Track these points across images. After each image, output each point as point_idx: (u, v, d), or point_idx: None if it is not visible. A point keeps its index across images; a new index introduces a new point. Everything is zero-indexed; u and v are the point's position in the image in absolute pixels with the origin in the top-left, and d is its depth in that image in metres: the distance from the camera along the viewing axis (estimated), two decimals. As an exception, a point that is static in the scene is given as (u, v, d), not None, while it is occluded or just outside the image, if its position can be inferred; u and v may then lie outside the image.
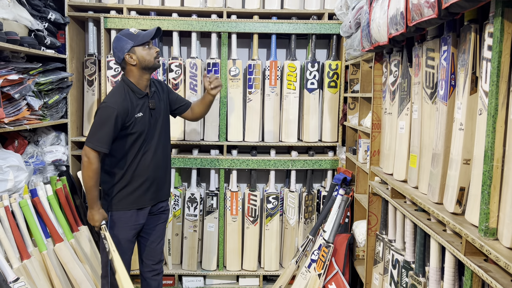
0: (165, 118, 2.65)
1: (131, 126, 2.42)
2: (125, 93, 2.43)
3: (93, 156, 2.36)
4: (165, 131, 2.66)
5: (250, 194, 3.71)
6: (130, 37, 2.43)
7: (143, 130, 2.47)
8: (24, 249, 2.62)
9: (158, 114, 2.58)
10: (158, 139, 2.57)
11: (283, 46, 3.94)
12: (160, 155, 2.60)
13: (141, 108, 2.47)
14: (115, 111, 2.35)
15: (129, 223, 2.52)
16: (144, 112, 2.48)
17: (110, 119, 2.34)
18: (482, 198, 1.40)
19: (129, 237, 2.54)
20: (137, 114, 2.44)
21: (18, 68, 2.84)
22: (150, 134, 2.52)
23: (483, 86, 1.47)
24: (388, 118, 2.53)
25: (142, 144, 2.49)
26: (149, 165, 2.53)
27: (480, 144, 1.47)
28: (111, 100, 2.39)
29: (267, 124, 3.72)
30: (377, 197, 2.73)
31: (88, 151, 2.35)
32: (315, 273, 3.06)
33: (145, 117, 2.48)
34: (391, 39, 2.12)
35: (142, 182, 2.53)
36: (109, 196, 2.51)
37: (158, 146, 2.57)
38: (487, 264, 1.42)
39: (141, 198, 2.55)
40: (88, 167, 2.36)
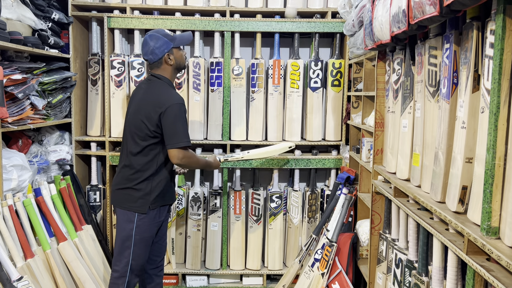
0: None
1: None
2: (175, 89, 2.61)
3: (186, 153, 2.44)
4: None
5: (253, 193, 3.70)
6: (170, 38, 2.50)
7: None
8: (28, 248, 2.63)
9: None
10: None
11: (286, 45, 3.93)
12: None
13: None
14: (184, 107, 2.47)
15: (156, 220, 2.57)
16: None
17: (184, 115, 2.46)
18: (484, 197, 1.39)
19: (153, 234, 2.60)
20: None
21: (21, 67, 2.85)
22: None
23: (485, 84, 1.46)
24: (391, 116, 2.52)
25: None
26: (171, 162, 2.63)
27: (482, 142, 1.46)
28: (177, 97, 2.47)
29: (270, 123, 3.71)
30: (380, 196, 2.71)
31: (180, 152, 2.41)
32: (318, 272, 3.06)
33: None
34: (393, 37, 2.11)
35: (171, 178, 2.65)
36: (148, 194, 2.51)
37: None
38: (490, 263, 1.40)
39: (170, 193, 2.65)
40: (191, 162, 2.51)
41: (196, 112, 3.64)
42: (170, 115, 2.38)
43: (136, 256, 2.52)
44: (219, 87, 3.64)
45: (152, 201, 2.51)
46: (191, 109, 3.64)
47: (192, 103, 3.64)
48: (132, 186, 2.50)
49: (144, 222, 2.51)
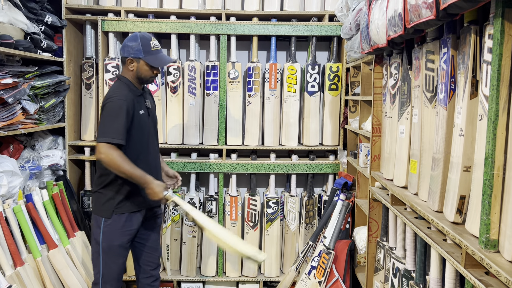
0: (156, 122, 2.67)
1: (137, 122, 2.41)
2: (129, 89, 2.43)
3: (108, 149, 2.24)
4: (156, 135, 2.67)
5: (250, 198, 3.65)
6: (146, 48, 2.38)
7: (144, 128, 2.47)
8: (18, 256, 2.58)
9: (152, 114, 2.60)
10: (153, 141, 2.58)
11: (283, 49, 3.88)
12: (154, 157, 2.58)
13: (141, 106, 2.48)
14: (125, 103, 2.33)
15: (124, 228, 2.46)
16: (144, 110, 2.49)
17: (122, 110, 2.30)
18: (482, 208, 1.33)
19: (123, 243, 2.46)
20: (140, 111, 2.44)
21: (13, 71, 2.80)
22: (148, 133, 2.52)
23: (483, 90, 1.40)
24: (388, 122, 2.46)
25: (142, 144, 2.48)
26: (146, 166, 2.45)
27: (481, 151, 1.40)
28: (118, 94, 2.36)
29: (267, 128, 3.66)
30: (378, 203, 2.66)
31: (101, 147, 2.24)
32: (315, 280, 3.00)
33: (145, 115, 2.49)
34: (390, 41, 2.06)
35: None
36: (112, 199, 2.43)
37: (153, 148, 2.57)
38: (488, 278, 1.35)
39: (139, 200, 2.48)
40: (109, 160, 2.24)
41: (192, 116, 3.59)
42: (104, 110, 2.34)
43: (107, 265, 2.43)
44: (215, 91, 3.59)
45: (116, 206, 2.42)
46: (186, 113, 3.59)
47: (187, 107, 3.59)
48: (98, 190, 2.46)
49: (110, 229, 2.41)
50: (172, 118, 3.60)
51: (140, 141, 2.46)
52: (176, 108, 3.60)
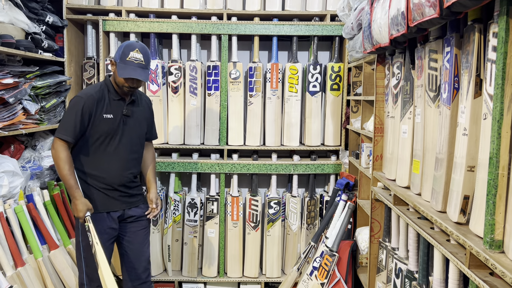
0: (140, 131, 2.60)
1: (97, 124, 2.39)
2: (101, 89, 2.44)
3: (58, 146, 2.32)
4: (138, 142, 2.60)
5: (251, 199, 3.64)
6: (123, 55, 2.35)
7: (110, 133, 2.43)
8: (19, 256, 2.57)
9: (132, 123, 2.53)
10: (127, 146, 2.52)
11: (285, 48, 3.87)
12: (128, 162, 2.54)
13: (113, 110, 2.44)
14: (83, 100, 2.34)
15: (100, 226, 2.44)
16: (115, 115, 2.44)
17: (77, 108, 2.33)
18: (487, 208, 1.32)
19: (103, 242, 2.38)
20: (106, 114, 2.41)
21: (14, 71, 2.79)
22: (118, 139, 2.47)
23: (487, 89, 1.39)
24: (390, 122, 2.45)
25: (107, 147, 2.44)
26: (114, 169, 2.47)
27: (485, 150, 1.39)
28: (83, 92, 2.41)
29: (268, 128, 3.65)
30: (380, 203, 2.65)
31: (55, 140, 2.33)
32: (317, 281, 2.98)
33: (115, 120, 2.44)
34: (392, 40, 2.04)
35: (107, 185, 2.47)
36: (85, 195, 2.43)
37: (126, 153, 2.51)
38: (493, 279, 1.33)
39: (109, 201, 2.49)
40: (56, 156, 2.32)
41: (193, 117, 3.58)
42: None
43: (88, 264, 2.40)
44: (216, 91, 3.58)
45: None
46: (187, 113, 3.58)
47: (188, 107, 3.58)
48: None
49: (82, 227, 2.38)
50: (173, 118, 3.59)
51: (100, 146, 2.43)
52: (177, 108, 3.59)
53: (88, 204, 2.36)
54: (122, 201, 2.54)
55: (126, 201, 2.56)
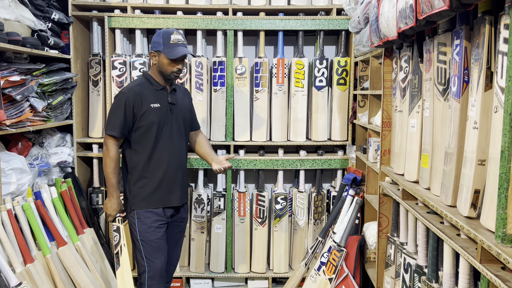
0: (185, 118, 2.65)
1: (147, 115, 2.45)
2: (141, 83, 2.52)
3: (109, 143, 2.44)
4: (184, 130, 2.65)
5: (258, 194, 3.63)
6: (165, 41, 2.45)
7: (160, 121, 2.48)
8: (28, 253, 2.58)
9: (178, 111, 2.59)
10: (176, 136, 2.58)
11: (291, 43, 3.85)
12: (174, 155, 2.58)
13: (158, 99, 2.50)
14: (125, 95, 2.43)
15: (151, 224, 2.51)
16: (162, 104, 2.50)
17: (121, 103, 2.42)
18: (498, 202, 1.30)
19: (158, 236, 2.51)
20: (153, 104, 2.47)
21: (20, 69, 2.80)
22: (168, 127, 2.53)
23: (498, 82, 1.37)
24: (398, 116, 2.43)
25: (157, 136, 2.49)
26: (162, 163, 2.52)
27: (496, 144, 1.37)
28: (125, 87, 2.51)
29: (274, 123, 3.64)
30: (388, 198, 2.63)
31: (105, 138, 2.47)
32: (325, 276, 2.98)
33: (162, 108, 2.50)
34: (400, 33, 2.02)
35: (158, 179, 2.52)
36: (130, 193, 2.54)
37: (174, 144, 2.57)
38: (505, 273, 1.32)
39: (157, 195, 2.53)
40: (105, 153, 2.46)
41: (199, 113, 3.57)
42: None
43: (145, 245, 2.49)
44: (222, 86, 3.57)
45: (131, 202, 2.53)
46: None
47: (194, 103, 3.56)
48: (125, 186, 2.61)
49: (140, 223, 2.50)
50: (179, 114, 3.58)
51: (154, 135, 2.48)
52: (184, 104, 3.58)
53: (120, 205, 2.54)
54: (177, 195, 2.60)
55: (181, 196, 2.63)
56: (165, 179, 2.53)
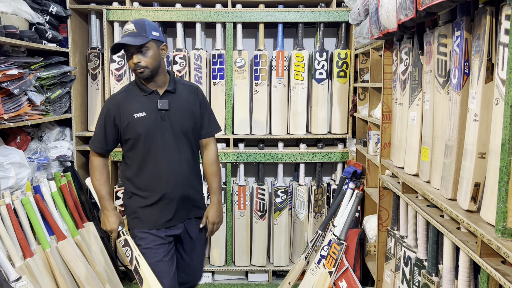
0: (184, 127, 2.23)
1: (130, 127, 2.15)
2: (128, 89, 2.23)
3: (92, 155, 2.25)
4: (184, 143, 2.25)
5: (258, 188, 3.62)
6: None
7: (147, 132, 2.15)
8: (27, 247, 2.58)
9: (175, 117, 2.20)
10: (172, 148, 2.20)
11: (290, 36, 3.82)
12: (177, 167, 2.22)
13: (144, 106, 2.16)
14: (107, 106, 2.20)
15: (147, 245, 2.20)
16: (149, 112, 2.16)
17: (102, 115, 2.20)
18: (499, 196, 1.29)
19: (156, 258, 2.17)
20: (137, 114, 2.15)
21: (18, 62, 2.78)
22: (158, 138, 2.17)
23: (499, 74, 1.35)
24: (398, 108, 2.41)
25: (146, 149, 2.17)
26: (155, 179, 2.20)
27: (497, 136, 1.36)
28: (112, 94, 2.27)
29: (274, 117, 3.62)
30: (388, 191, 2.62)
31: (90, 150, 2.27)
32: (325, 270, 2.98)
33: (150, 117, 2.16)
34: (400, 25, 2.00)
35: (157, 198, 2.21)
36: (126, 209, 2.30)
37: (170, 157, 2.20)
38: (505, 267, 1.31)
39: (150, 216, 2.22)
40: (90, 166, 2.27)
41: (198, 106, 3.55)
42: None
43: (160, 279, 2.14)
44: (222, 80, 3.55)
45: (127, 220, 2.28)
46: (193, 103, 3.56)
47: (194, 96, 3.55)
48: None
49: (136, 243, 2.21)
50: (178, 107, 3.57)
51: (142, 149, 2.18)
52: (183, 97, 3.56)
53: (119, 217, 2.23)
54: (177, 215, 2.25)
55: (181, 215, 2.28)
56: (159, 198, 2.21)
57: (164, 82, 2.22)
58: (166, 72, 2.25)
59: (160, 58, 2.16)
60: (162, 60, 2.19)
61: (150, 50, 2.10)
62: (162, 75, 2.21)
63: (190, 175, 2.28)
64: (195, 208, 2.36)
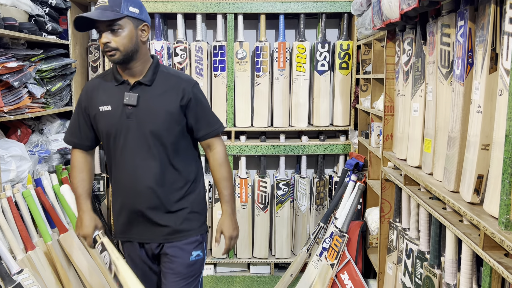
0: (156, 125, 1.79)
1: (96, 121, 1.85)
2: (106, 74, 1.90)
3: (71, 150, 1.96)
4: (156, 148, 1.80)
5: (259, 180, 3.61)
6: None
7: (108, 130, 1.82)
8: (29, 240, 2.58)
9: (144, 116, 1.79)
10: (137, 153, 1.81)
11: (292, 27, 3.78)
12: (139, 177, 1.81)
13: (112, 99, 1.81)
14: (81, 92, 1.91)
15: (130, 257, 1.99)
16: (114, 106, 1.80)
17: (77, 102, 1.92)
18: (502, 188, 1.27)
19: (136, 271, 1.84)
20: (103, 107, 1.81)
21: (18, 55, 2.76)
22: (120, 140, 1.81)
23: (503, 64, 1.33)
24: (401, 100, 2.39)
25: (112, 151, 1.86)
26: (123, 184, 1.86)
27: (501, 128, 1.34)
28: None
29: (276, 109, 3.60)
30: (390, 183, 2.60)
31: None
32: (326, 262, 2.97)
33: (115, 112, 1.79)
34: (403, 15, 1.97)
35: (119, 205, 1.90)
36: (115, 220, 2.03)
37: (134, 162, 1.81)
38: (508, 260, 1.29)
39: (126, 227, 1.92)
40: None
41: (200, 98, 3.53)
42: None
43: None
44: (223, 71, 3.53)
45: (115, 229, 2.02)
46: (194, 95, 3.54)
47: (195, 89, 3.53)
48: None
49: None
50: (180, 100, 3.55)
51: (109, 147, 1.87)
52: (184, 89, 3.54)
53: (95, 221, 1.90)
54: (138, 230, 1.90)
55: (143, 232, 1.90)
56: (123, 207, 1.89)
57: (142, 72, 1.82)
58: (147, 59, 1.84)
59: (137, 40, 1.76)
60: (141, 43, 1.78)
61: (123, 28, 1.70)
62: (140, 62, 1.80)
63: (159, 189, 1.82)
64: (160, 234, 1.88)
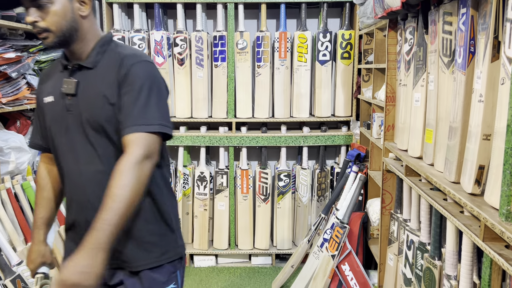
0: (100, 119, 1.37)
1: (43, 115, 1.51)
2: (58, 58, 1.54)
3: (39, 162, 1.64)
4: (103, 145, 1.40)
5: (261, 172, 3.60)
6: None
7: (49, 127, 1.49)
8: (28, 232, 2.58)
9: (82, 106, 1.40)
10: (77, 151, 1.42)
11: (293, 16, 3.74)
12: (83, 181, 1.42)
13: (54, 87, 1.47)
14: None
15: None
16: (57, 97, 1.45)
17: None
18: (503, 179, 1.25)
19: None
20: (46, 97, 1.47)
21: (16, 45, 2.74)
22: (62, 138, 1.45)
23: (506, 52, 1.30)
24: (403, 90, 2.36)
25: (55, 155, 1.51)
26: (71, 198, 1.49)
27: (502, 118, 1.31)
28: None
29: (277, 99, 3.57)
30: (392, 174, 2.58)
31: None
32: (328, 253, 2.96)
33: (56, 105, 1.45)
34: (404, 3, 1.93)
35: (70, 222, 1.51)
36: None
37: (75, 164, 1.43)
38: (509, 252, 1.27)
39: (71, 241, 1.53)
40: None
41: (200, 89, 3.51)
42: None
43: None
44: (223, 62, 3.50)
45: None
46: (194, 85, 3.51)
47: (195, 79, 3.51)
48: None
49: None
50: (180, 91, 3.53)
51: (54, 150, 1.51)
52: (184, 80, 3.52)
53: (46, 256, 1.56)
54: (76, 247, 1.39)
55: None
56: (68, 215, 1.52)
57: (86, 53, 1.44)
58: (92, 38, 1.44)
59: (74, 17, 1.38)
60: (80, 19, 1.40)
61: (52, 3, 1.34)
62: (83, 43, 1.42)
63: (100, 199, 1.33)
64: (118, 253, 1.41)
